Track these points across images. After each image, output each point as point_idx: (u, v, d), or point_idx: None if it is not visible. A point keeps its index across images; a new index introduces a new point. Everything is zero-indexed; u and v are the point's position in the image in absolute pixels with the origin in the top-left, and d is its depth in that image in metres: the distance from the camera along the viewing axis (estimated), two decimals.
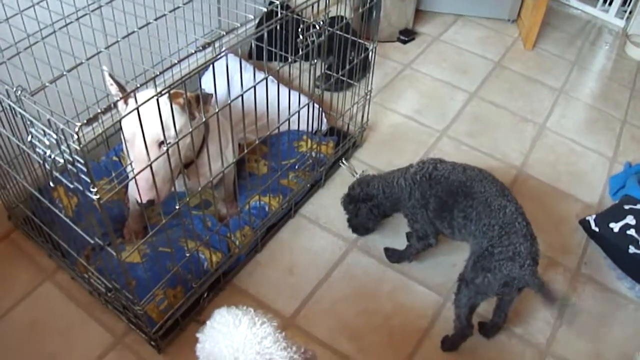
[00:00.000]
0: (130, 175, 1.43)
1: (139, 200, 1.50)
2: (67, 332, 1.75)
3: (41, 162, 1.24)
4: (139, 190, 1.49)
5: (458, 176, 1.72)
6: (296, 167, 2.12)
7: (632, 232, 2.02)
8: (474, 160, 2.42)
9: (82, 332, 1.75)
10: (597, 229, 2.10)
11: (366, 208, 1.92)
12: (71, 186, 1.27)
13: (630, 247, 2.00)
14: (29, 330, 1.75)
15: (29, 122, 1.21)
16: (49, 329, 1.75)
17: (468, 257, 1.68)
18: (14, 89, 1.27)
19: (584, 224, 2.15)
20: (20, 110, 1.23)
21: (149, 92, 1.46)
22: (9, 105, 1.28)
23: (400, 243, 2.01)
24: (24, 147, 1.39)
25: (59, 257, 1.86)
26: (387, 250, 2.03)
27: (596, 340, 1.85)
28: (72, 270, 1.83)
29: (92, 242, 1.46)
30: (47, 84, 1.28)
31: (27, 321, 1.77)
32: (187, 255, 1.68)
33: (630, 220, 2.05)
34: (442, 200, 1.72)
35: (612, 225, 2.07)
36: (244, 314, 1.18)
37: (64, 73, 1.30)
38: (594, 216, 2.13)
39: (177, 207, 1.50)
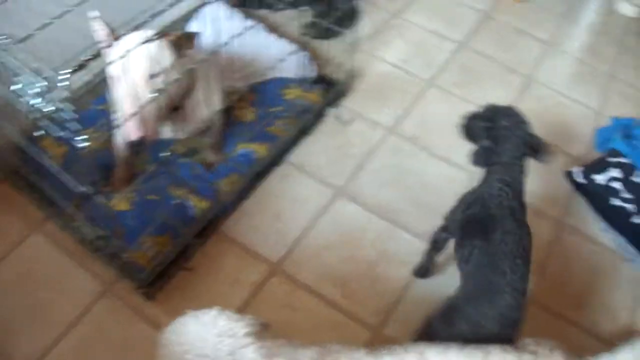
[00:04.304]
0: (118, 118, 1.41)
1: (130, 138, 1.48)
2: (57, 282, 1.75)
3: (27, 112, 1.22)
4: (129, 128, 1.46)
5: None
6: (283, 114, 2.10)
7: (615, 184, 2.05)
8: (461, 110, 2.41)
9: (72, 281, 1.75)
10: (581, 181, 2.12)
11: None
12: (58, 135, 1.25)
13: (611, 199, 2.04)
14: (20, 280, 1.75)
15: (15, 72, 1.18)
16: (39, 279, 1.75)
17: None
18: (0, 38, 1.23)
19: (569, 175, 2.17)
20: (8, 58, 1.20)
21: (137, 34, 1.43)
22: None
23: None
24: (10, 96, 1.36)
25: (48, 207, 1.84)
26: None
27: (579, 290, 1.89)
28: (61, 219, 1.82)
29: (80, 190, 1.45)
30: (33, 32, 1.24)
31: (17, 272, 1.76)
32: (175, 202, 1.68)
33: (614, 173, 2.08)
34: None
35: (595, 177, 2.09)
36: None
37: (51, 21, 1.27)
38: (580, 168, 2.15)
39: (164, 154, 1.48)
